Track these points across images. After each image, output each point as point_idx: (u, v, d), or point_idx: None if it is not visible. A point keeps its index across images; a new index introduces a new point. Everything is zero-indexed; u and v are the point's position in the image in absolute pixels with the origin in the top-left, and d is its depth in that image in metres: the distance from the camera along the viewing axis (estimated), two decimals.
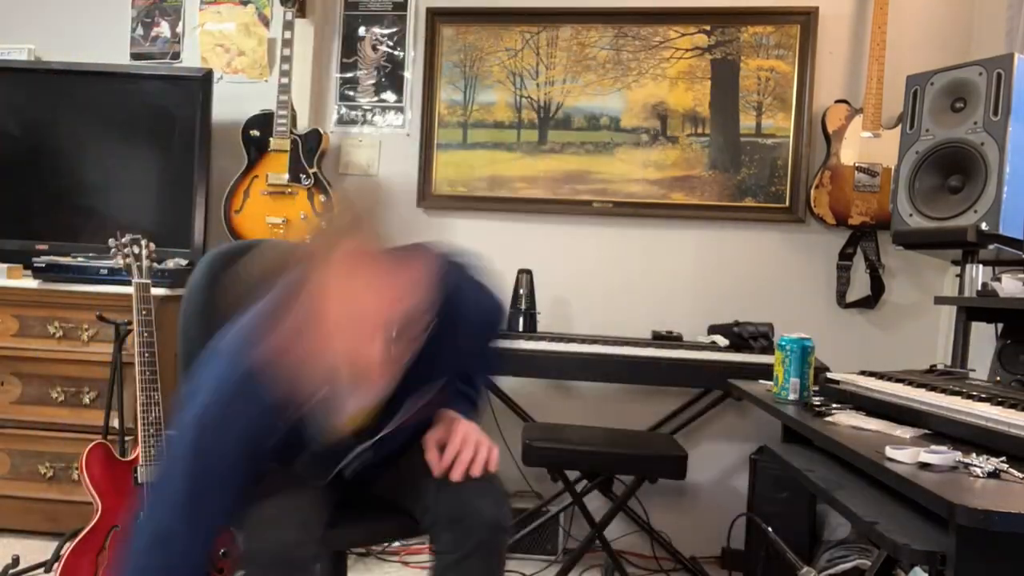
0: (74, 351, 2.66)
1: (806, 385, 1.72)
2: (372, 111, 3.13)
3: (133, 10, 3.25)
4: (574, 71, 2.99)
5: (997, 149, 1.93)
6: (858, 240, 2.81)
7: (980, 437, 1.25)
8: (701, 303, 2.92)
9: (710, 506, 2.89)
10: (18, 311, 2.69)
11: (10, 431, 2.69)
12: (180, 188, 2.93)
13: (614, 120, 2.98)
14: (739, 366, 2.41)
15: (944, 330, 2.74)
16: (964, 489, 1.03)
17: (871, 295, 2.82)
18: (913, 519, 1.17)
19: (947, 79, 2.08)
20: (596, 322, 2.97)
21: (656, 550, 2.79)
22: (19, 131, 3.04)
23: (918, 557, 1.08)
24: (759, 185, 2.90)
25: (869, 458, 1.19)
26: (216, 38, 3.20)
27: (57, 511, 2.65)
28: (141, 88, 3.01)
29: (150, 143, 3.00)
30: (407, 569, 2.67)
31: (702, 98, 2.93)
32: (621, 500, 2.40)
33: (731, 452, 2.87)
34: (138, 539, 1.28)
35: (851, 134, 2.74)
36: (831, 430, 1.42)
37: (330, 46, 3.14)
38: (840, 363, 2.30)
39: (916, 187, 2.13)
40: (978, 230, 1.95)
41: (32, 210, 3.01)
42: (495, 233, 3.03)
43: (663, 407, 2.91)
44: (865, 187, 2.73)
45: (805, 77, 2.84)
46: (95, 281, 2.66)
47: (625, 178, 2.97)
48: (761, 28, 2.88)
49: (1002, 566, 0.98)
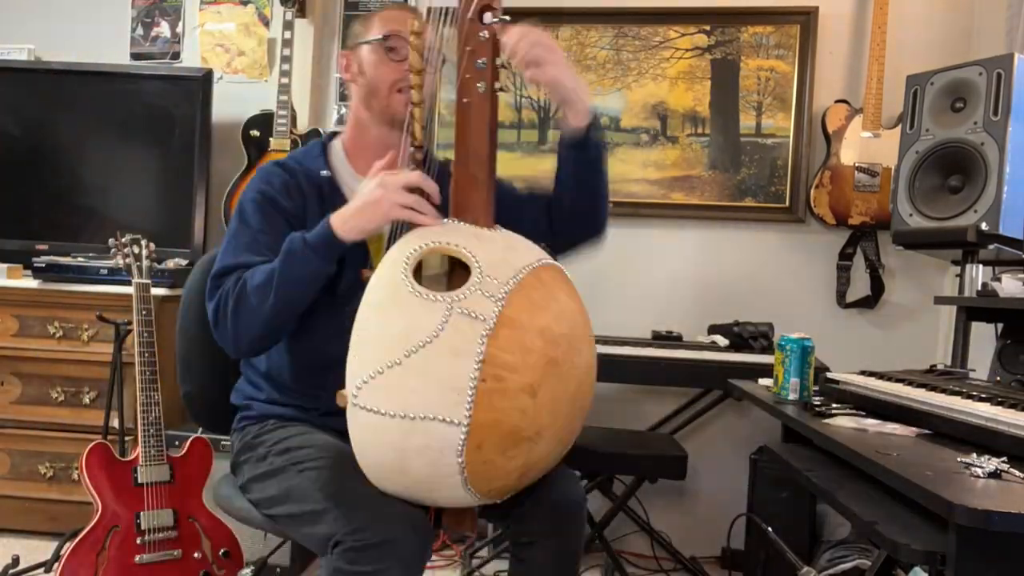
0: (74, 351, 2.66)
1: (806, 385, 1.72)
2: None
3: (133, 10, 3.25)
4: (574, 71, 2.98)
5: (997, 149, 1.93)
6: (858, 240, 2.81)
7: (980, 437, 1.25)
8: (701, 303, 2.91)
9: (710, 506, 2.89)
10: (18, 311, 2.69)
11: (10, 431, 2.69)
12: (180, 188, 2.93)
13: (614, 120, 2.98)
14: (739, 366, 2.41)
15: (944, 330, 2.74)
16: (964, 489, 1.03)
17: (871, 295, 2.82)
18: (913, 519, 1.17)
19: (947, 79, 2.08)
20: (596, 322, 2.94)
21: (656, 550, 2.79)
22: (19, 131, 3.04)
23: (918, 557, 1.08)
24: (759, 185, 2.90)
25: (869, 458, 1.19)
26: (216, 38, 3.20)
27: (57, 511, 2.65)
28: (141, 88, 3.01)
29: (150, 143, 3.00)
30: None
31: (702, 98, 2.93)
32: (621, 500, 2.40)
33: (731, 452, 2.86)
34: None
35: (851, 134, 2.74)
36: (831, 430, 1.41)
37: (330, 46, 3.14)
38: (840, 363, 2.30)
39: (916, 187, 2.13)
40: (978, 230, 1.95)
41: (32, 210, 3.01)
42: None
43: (663, 407, 2.90)
44: (865, 187, 2.73)
45: (805, 77, 2.84)
46: (95, 281, 2.66)
47: (625, 178, 2.97)
48: (761, 28, 2.88)
49: (1002, 566, 0.98)
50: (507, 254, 1.29)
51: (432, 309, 1.17)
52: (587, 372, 1.32)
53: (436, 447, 1.16)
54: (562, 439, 1.30)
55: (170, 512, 2.09)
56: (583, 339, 1.32)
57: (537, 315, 1.22)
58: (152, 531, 2.06)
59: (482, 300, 1.18)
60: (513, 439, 1.19)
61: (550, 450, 1.28)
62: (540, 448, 1.24)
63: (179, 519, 2.10)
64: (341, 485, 1.32)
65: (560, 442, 1.30)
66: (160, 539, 2.06)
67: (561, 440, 1.30)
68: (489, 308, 1.17)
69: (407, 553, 1.24)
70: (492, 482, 1.22)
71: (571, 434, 1.33)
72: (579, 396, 1.30)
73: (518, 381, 1.17)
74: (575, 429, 1.34)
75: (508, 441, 1.19)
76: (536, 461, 1.26)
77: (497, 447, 1.18)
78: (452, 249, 1.27)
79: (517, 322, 1.19)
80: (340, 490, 1.31)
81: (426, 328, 1.16)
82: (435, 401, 1.14)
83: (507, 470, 1.22)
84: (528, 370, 1.18)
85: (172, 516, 2.09)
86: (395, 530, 1.24)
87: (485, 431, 1.15)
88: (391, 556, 1.22)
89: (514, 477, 1.25)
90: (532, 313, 1.21)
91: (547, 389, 1.20)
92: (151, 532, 2.05)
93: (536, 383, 1.19)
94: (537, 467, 1.29)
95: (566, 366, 1.24)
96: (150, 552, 2.05)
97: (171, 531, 2.08)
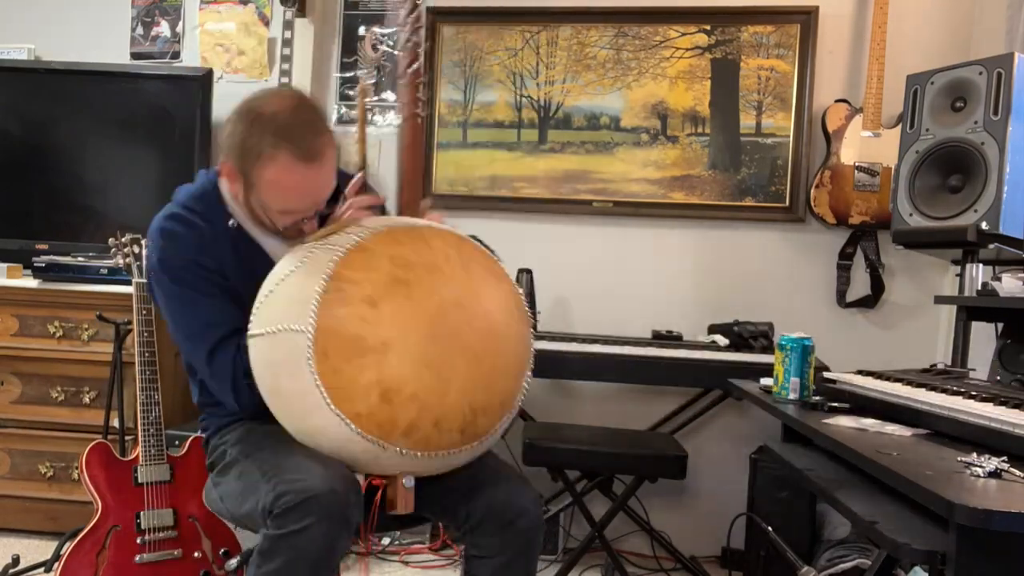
0: (74, 351, 2.65)
1: (806, 385, 1.72)
2: (372, 110, 3.13)
3: (133, 10, 3.25)
4: (574, 70, 2.99)
5: (997, 148, 1.93)
6: (858, 239, 2.81)
7: (981, 436, 1.25)
8: (701, 303, 2.91)
9: (710, 506, 2.89)
10: (18, 311, 2.68)
11: (10, 431, 2.69)
12: None
13: (614, 119, 2.98)
14: (739, 366, 2.41)
15: (944, 330, 2.74)
16: (964, 488, 1.03)
17: (871, 295, 2.82)
18: (913, 518, 1.17)
19: (947, 78, 2.08)
20: (596, 322, 2.96)
21: (656, 550, 2.79)
22: (19, 131, 3.04)
23: (918, 556, 1.08)
24: (759, 185, 2.90)
25: (869, 458, 1.19)
26: (216, 38, 3.20)
27: (57, 511, 2.65)
28: (141, 88, 3.01)
29: (150, 143, 3.00)
30: (407, 569, 2.67)
31: (702, 97, 2.93)
32: (621, 500, 2.40)
33: (731, 452, 2.86)
34: None
35: (851, 133, 2.74)
36: (831, 430, 1.42)
37: (330, 46, 3.14)
38: (840, 363, 2.30)
39: (916, 186, 2.13)
40: (978, 229, 1.95)
41: (32, 210, 3.01)
42: (495, 232, 3.01)
43: (663, 407, 2.90)
44: (865, 186, 2.73)
45: (805, 76, 2.84)
46: (95, 281, 2.66)
47: (625, 178, 2.97)
48: (761, 27, 2.88)
49: (1002, 566, 0.98)
50: (399, 222, 1.46)
51: (304, 249, 1.40)
52: (488, 331, 1.39)
53: (292, 358, 1.29)
54: (441, 373, 1.32)
55: (170, 512, 2.09)
56: (480, 297, 1.40)
57: (393, 246, 1.36)
58: (152, 531, 2.06)
59: (345, 237, 1.37)
60: (356, 346, 1.29)
61: (418, 376, 1.30)
62: (395, 365, 1.29)
63: (179, 519, 2.10)
64: (274, 460, 1.37)
65: (439, 377, 1.32)
66: (160, 539, 2.06)
67: (440, 375, 1.32)
68: (349, 240, 1.35)
69: (330, 506, 1.27)
70: (354, 402, 1.28)
71: (462, 379, 1.34)
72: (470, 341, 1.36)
73: (358, 292, 1.31)
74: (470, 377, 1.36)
75: (351, 348, 1.29)
76: (400, 384, 1.29)
77: (341, 353, 1.28)
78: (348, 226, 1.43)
79: (369, 248, 1.35)
80: (271, 465, 1.36)
81: (295, 261, 1.38)
82: (288, 313, 1.32)
83: (361, 384, 1.28)
84: (369, 284, 1.31)
85: (172, 516, 2.09)
86: (315, 487, 1.27)
87: (327, 336, 1.28)
88: (314, 511, 1.25)
89: (374, 396, 1.28)
90: (388, 244, 1.37)
91: (390, 303, 1.31)
92: (151, 532, 2.06)
93: (377, 296, 1.31)
94: (402, 395, 1.29)
95: (424, 292, 1.33)
96: (150, 552, 2.05)
97: (171, 531, 2.08)
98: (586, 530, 2.44)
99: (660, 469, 2.26)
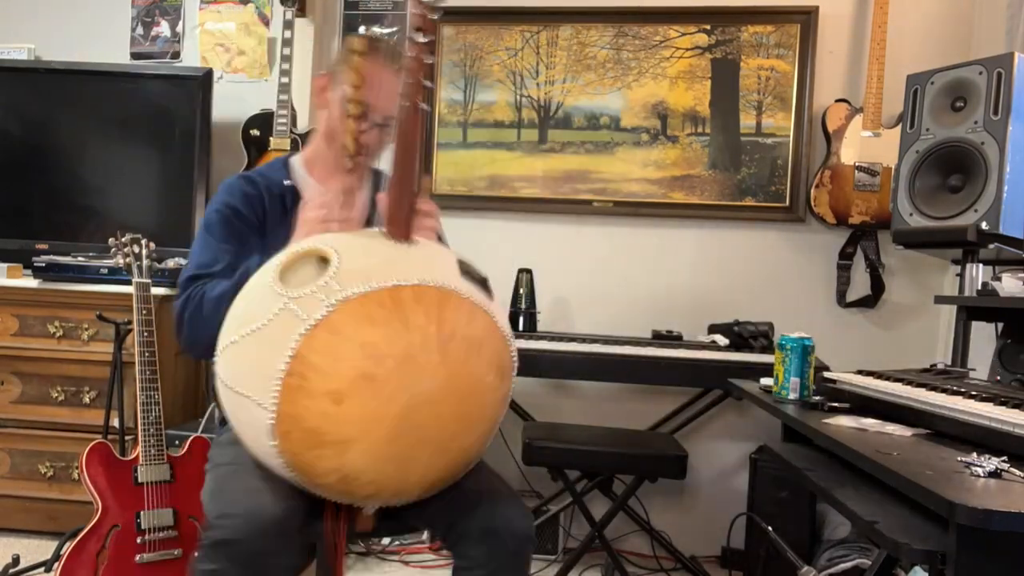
0: (74, 351, 2.66)
1: (806, 384, 1.72)
2: None
3: (133, 9, 3.25)
4: (574, 70, 2.99)
5: (997, 148, 1.93)
6: (858, 239, 2.81)
7: (981, 437, 1.25)
8: (701, 303, 2.91)
9: (710, 506, 2.89)
10: (18, 311, 2.69)
11: (10, 431, 2.69)
12: (180, 187, 2.93)
13: (614, 119, 2.98)
14: (739, 365, 2.41)
15: (944, 329, 2.74)
16: (964, 488, 1.03)
17: (871, 294, 2.82)
18: (913, 518, 1.17)
19: (947, 78, 2.08)
20: (596, 322, 2.97)
21: (656, 550, 2.79)
22: (19, 131, 3.04)
23: (918, 556, 1.08)
24: (759, 184, 2.90)
25: (869, 457, 1.19)
26: (216, 37, 3.20)
27: (57, 511, 2.65)
28: (141, 88, 3.01)
29: (150, 143, 3.00)
30: (407, 569, 2.67)
31: (702, 97, 2.93)
32: (621, 500, 2.40)
33: (731, 452, 2.86)
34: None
35: (851, 133, 2.74)
36: (831, 430, 1.41)
37: (330, 45, 3.14)
38: (840, 362, 2.30)
39: (916, 186, 2.13)
40: (978, 229, 1.95)
41: (32, 210, 3.01)
42: (495, 232, 3.03)
43: (663, 407, 2.90)
44: (865, 186, 2.73)
45: (805, 76, 2.84)
46: (95, 281, 2.65)
47: (625, 177, 2.97)
48: (761, 27, 2.88)
49: (1002, 566, 0.98)
50: (387, 267, 1.28)
51: (272, 300, 1.25)
52: (459, 417, 1.31)
53: (255, 426, 1.24)
54: (402, 465, 1.28)
55: (170, 511, 2.09)
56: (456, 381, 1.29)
57: (365, 329, 1.22)
58: (152, 530, 2.06)
59: (315, 301, 1.22)
60: (317, 439, 1.22)
61: (378, 468, 1.27)
62: (356, 460, 1.24)
63: (179, 518, 2.10)
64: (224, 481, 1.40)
65: (400, 468, 1.28)
66: (160, 538, 2.07)
67: (401, 466, 1.28)
68: (317, 310, 1.21)
69: (245, 555, 1.24)
70: (314, 477, 1.26)
71: (423, 467, 1.31)
72: (436, 434, 1.29)
73: (322, 385, 1.20)
74: (433, 464, 1.32)
75: (312, 439, 1.23)
76: (358, 474, 1.26)
77: (302, 442, 1.23)
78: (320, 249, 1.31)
79: (339, 329, 1.21)
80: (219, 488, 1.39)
81: (261, 316, 1.25)
82: (253, 383, 1.24)
83: (321, 469, 1.25)
84: (336, 378, 1.20)
85: (172, 515, 2.09)
86: (236, 532, 1.24)
87: (288, 422, 1.21)
88: (226, 558, 1.24)
89: (334, 480, 1.26)
90: (359, 326, 1.22)
91: (356, 401, 1.21)
92: (151, 531, 2.06)
93: (342, 391, 1.21)
94: (361, 481, 1.27)
95: (393, 389, 1.22)
96: (150, 551, 2.05)
97: (171, 530, 2.08)
98: (586, 530, 2.44)
99: (660, 469, 2.26)
